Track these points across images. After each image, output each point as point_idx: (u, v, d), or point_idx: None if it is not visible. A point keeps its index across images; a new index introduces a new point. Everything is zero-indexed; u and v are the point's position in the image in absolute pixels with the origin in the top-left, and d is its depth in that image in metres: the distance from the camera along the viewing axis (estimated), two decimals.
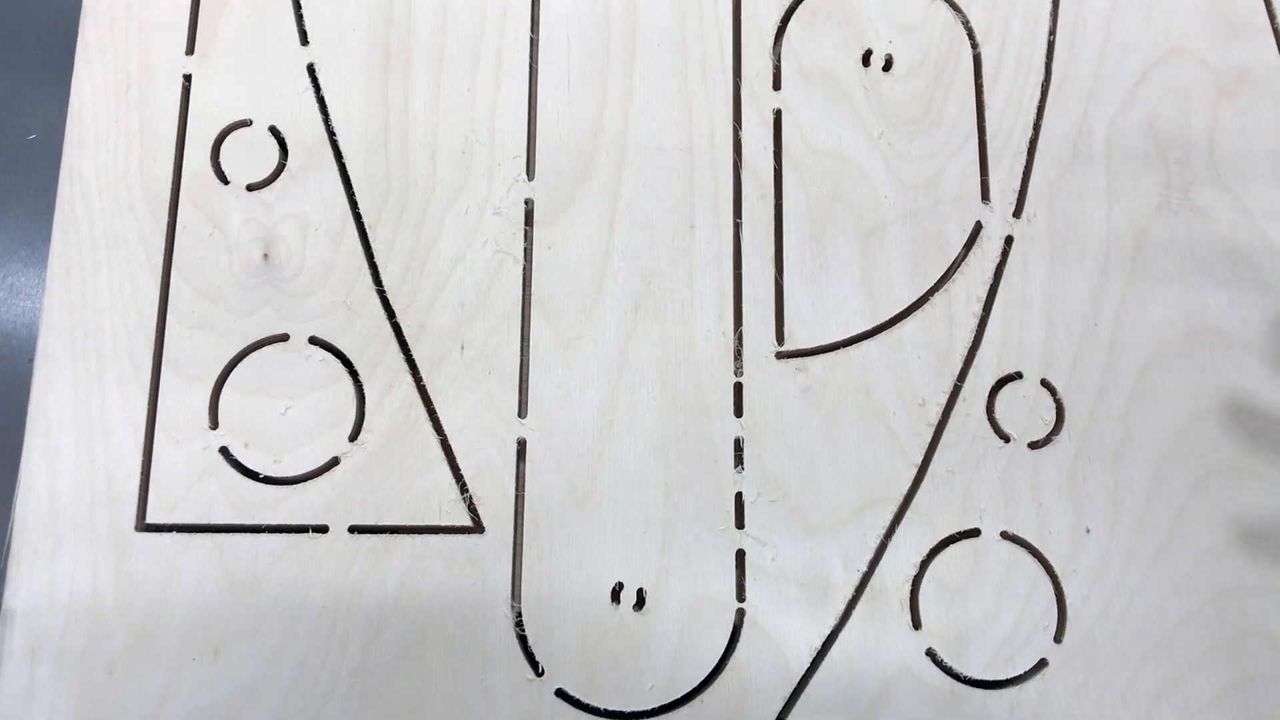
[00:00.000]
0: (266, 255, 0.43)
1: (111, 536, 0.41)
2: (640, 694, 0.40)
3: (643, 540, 0.41)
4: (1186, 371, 0.43)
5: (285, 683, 0.39)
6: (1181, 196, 0.45)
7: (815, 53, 0.46)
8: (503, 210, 0.44)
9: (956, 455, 0.42)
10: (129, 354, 0.42)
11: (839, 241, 0.44)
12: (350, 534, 0.41)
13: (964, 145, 0.45)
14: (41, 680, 0.39)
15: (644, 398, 0.42)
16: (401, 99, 0.45)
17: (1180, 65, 0.46)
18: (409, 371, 0.42)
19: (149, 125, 0.44)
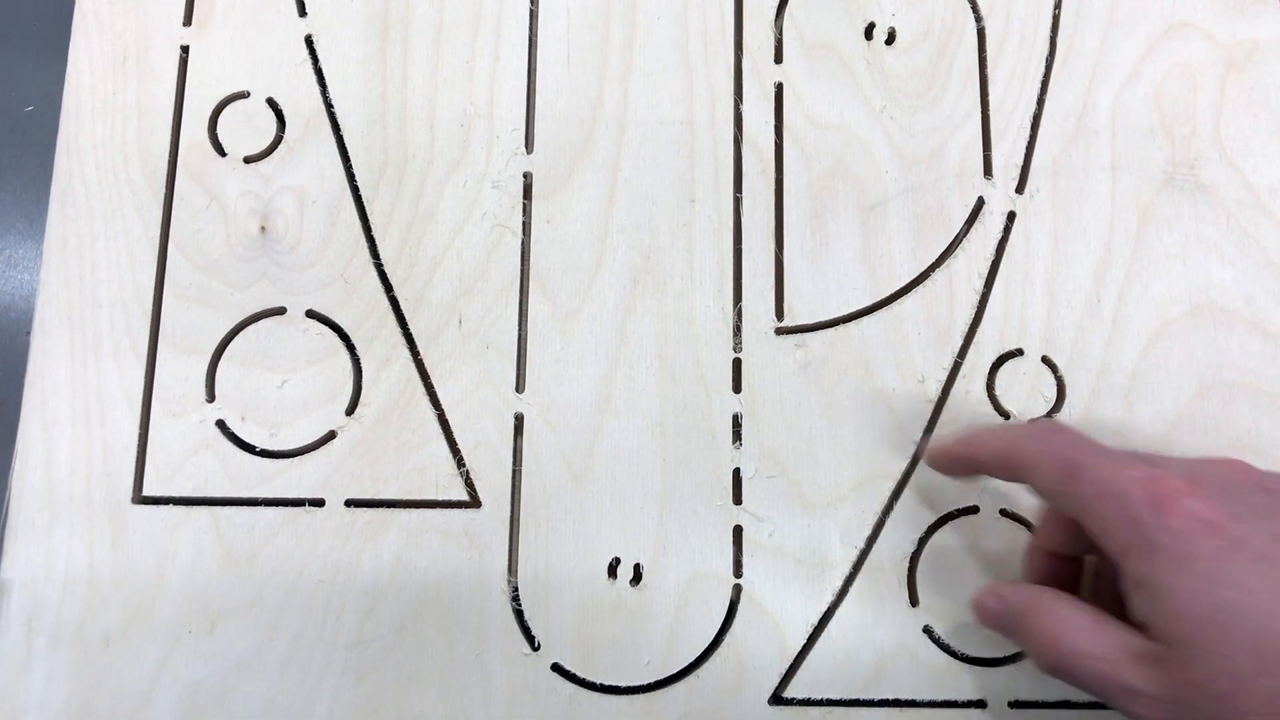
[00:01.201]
0: (264, 228, 0.43)
1: (108, 509, 0.41)
2: (636, 669, 0.40)
3: (640, 516, 0.41)
4: (1189, 350, 0.43)
5: (281, 656, 0.40)
6: (1187, 173, 0.44)
7: (817, 26, 0.45)
8: (501, 183, 0.44)
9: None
10: (126, 326, 0.42)
11: (840, 216, 0.44)
12: (346, 508, 0.41)
13: (967, 120, 0.45)
14: (38, 651, 0.39)
15: (642, 373, 0.42)
16: (400, 71, 0.45)
17: (1187, 40, 0.46)
18: (406, 345, 0.42)
19: (146, 97, 0.44)
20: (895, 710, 0.40)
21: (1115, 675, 0.31)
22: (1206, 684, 0.29)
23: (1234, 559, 0.30)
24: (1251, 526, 0.30)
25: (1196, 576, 0.30)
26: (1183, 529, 0.30)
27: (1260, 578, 0.29)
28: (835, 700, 0.40)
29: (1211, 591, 0.29)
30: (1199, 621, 0.29)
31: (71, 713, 0.39)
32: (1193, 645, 0.29)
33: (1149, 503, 0.31)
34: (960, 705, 0.40)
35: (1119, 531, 0.32)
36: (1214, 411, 0.42)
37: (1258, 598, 0.29)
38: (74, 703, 0.39)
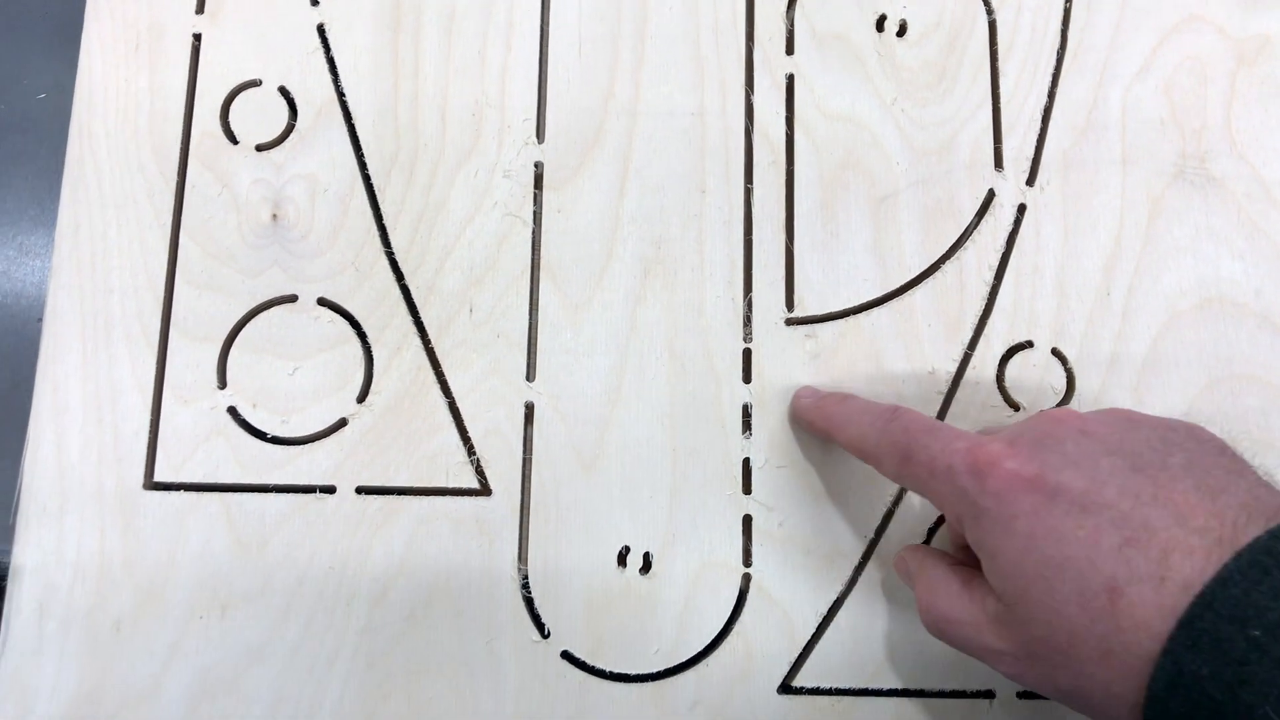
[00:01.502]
0: (275, 216, 0.43)
1: (119, 495, 0.41)
2: (645, 657, 0.40)
3: (650, 505, 0.41)
4: (1199, 342, 0.43)
5: (291, 642, 0.40)
6: (1197, 166, 0.44)
7: (829, 17, 0.46)
8: (512, 173, 0.44)
9: (966, 423, 0.42)
10: (137, 313, 0.42)
11: (850, 208, 0.44)
12: (357, 495, 0.41)
13: (978, 112, 0.45)
14: (49, 636, 0.39)
15: (652, 363, 0.42)
16: (411, 60, 0.45)
17: (1198, 33, 0.46)
18: (417, 334, 0.42)
19: (158, 85, 0.44)
20: (904, 700, 0.40)
21: (978, 638, 0.32)
22: (1046, 638, 0.30)
23: (1052, 512, 0.30)
24: (1070, 475, 0.30)
25: (1019, 535, 0.30)
26: (1001, 490, 0.31)
27: (1077, 527, 0.29)
28: (844, 689, 0.40)
29: (1034, 549, 0.30)
30: (1027, 580, 0.30)
31: (82, 697, 0.39)
32: (1026, 603, 0.30)
33: (971, 471, 0.32)
34: (969, 695, 0.40)
35: (952, 504, 0.33)
36: (1223, 404, 0.42)
37: (1075, 547, 0.29)
38: (85, 687, 0.39)
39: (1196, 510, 0.28)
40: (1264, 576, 0.26)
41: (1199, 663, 0.26)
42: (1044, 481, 0.30)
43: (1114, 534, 0.28)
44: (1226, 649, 0.26)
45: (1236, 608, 0.26)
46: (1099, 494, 0.29)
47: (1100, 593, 0.28)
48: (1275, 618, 0.26)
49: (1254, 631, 0.26)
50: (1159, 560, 0.28)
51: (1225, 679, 0.26)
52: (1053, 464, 0.30)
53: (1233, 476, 0.30)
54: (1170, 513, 0.28)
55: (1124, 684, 0.28)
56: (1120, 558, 0.28)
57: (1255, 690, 0.25)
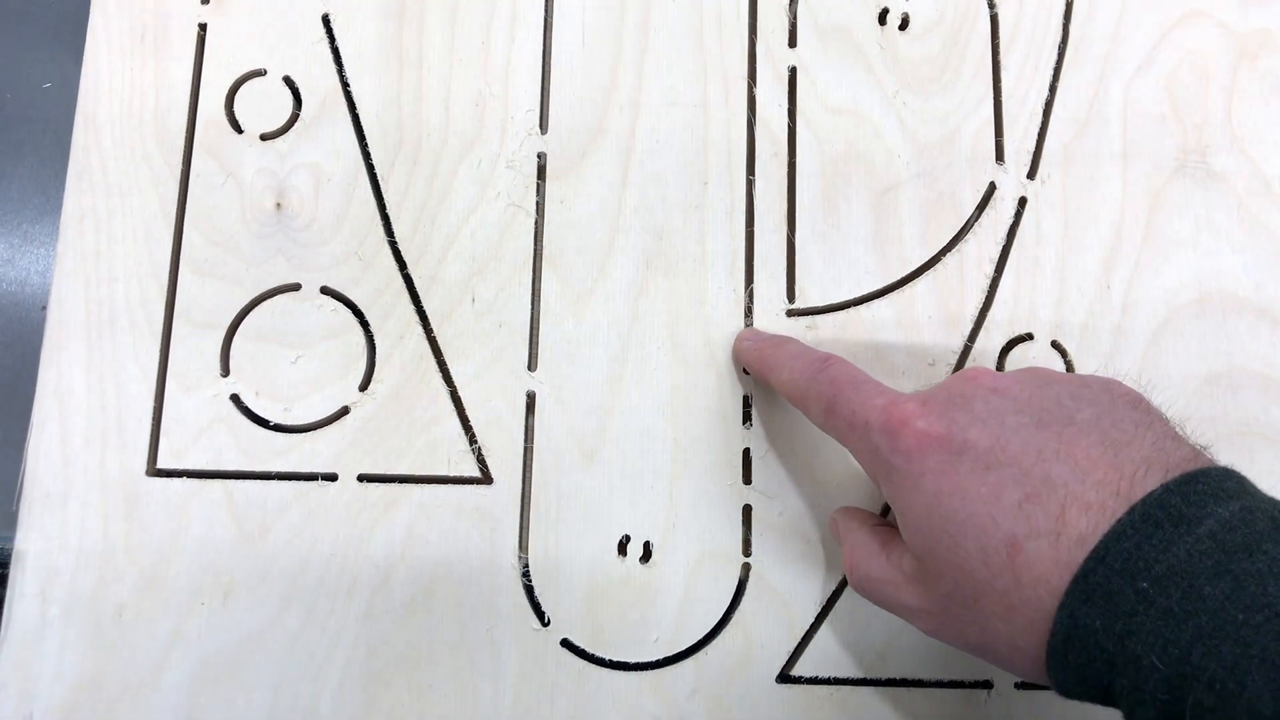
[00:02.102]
0: (279, 205, 0.43)
1: (122, 481, 0.41)
2: (645, 646, 0.40)
3: (650, 494, 0.41)
4: (1199, 336, 0.43)
5: (292, 629, 0.40)
6: (1198, 160, 0.45)
7: (831, 10, 0.46)
8: (515, 163, 0.44)
9: None
10: (141, 301, 0.42)
11: (852, 200, 0.44)
12: (359, 482, 0.41)
13: (979, 105, 0.45)
14: (52, 621, 0.40)
15: (654, 353, 0.43)
16: (416, 51, 0.45)
17: (1199, 28, 0.46)
18: (420, 323, 0.43)
19: (164, 74, 0.45)
20: (902, 689, 0.40)
21: (898, 596, 0.33)
22: (954, 593, 0.30)
23: (957, 470, 0.30)
24: (976, 432, 0.30)
25: (926, 493, 0.30)
26: (910, 448, 0.31)
27: (979, 483, 0.29)
28: (842, 679, 0.40)
29: (939, 505, 0.30)
30: (934, 536, 0.30)
31: (84, 683, 0.39)
32: (934, 559, 0.30)
33: (884, 429, 0.32)
34: (967, 685, 0.40)
35: (867, 461, 0.33)
36: (1223, 397, 0.42)
37: (977, 504, 0.29)
38: (87, 673, 0.39)
39: (1097, 464, 0.29)
40: (1155, 530, 0.27)
41: (1092, 615, 0.27)
42: (950, 439, 0.30)
43: (1015, 490, 0.29)
44: (1117, 601, 0.26)
45: (1128, 561, 0.26)
46: (1003, 451, 0.30)
47: (1001, 548, 0.28)
48: (1162, 570, 0.26)
49: (1142, 584, 0.26)
50: (1056, 515, 0.28)
51: (1115, 631, 0.26)
52: (960, 422, 0.31)
53: (1140, 429, 0.30)
54: (1070, 468, 0.29)
55: (1026, 637, 0.29)
56: (1020, 513, 0.28)
57: (1141, 641, 0.26)
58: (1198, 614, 0.25)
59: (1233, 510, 0.27)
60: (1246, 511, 0.27)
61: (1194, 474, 0.28)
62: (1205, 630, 0.25)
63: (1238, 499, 0.27)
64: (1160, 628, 0.26)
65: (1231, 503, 0.27)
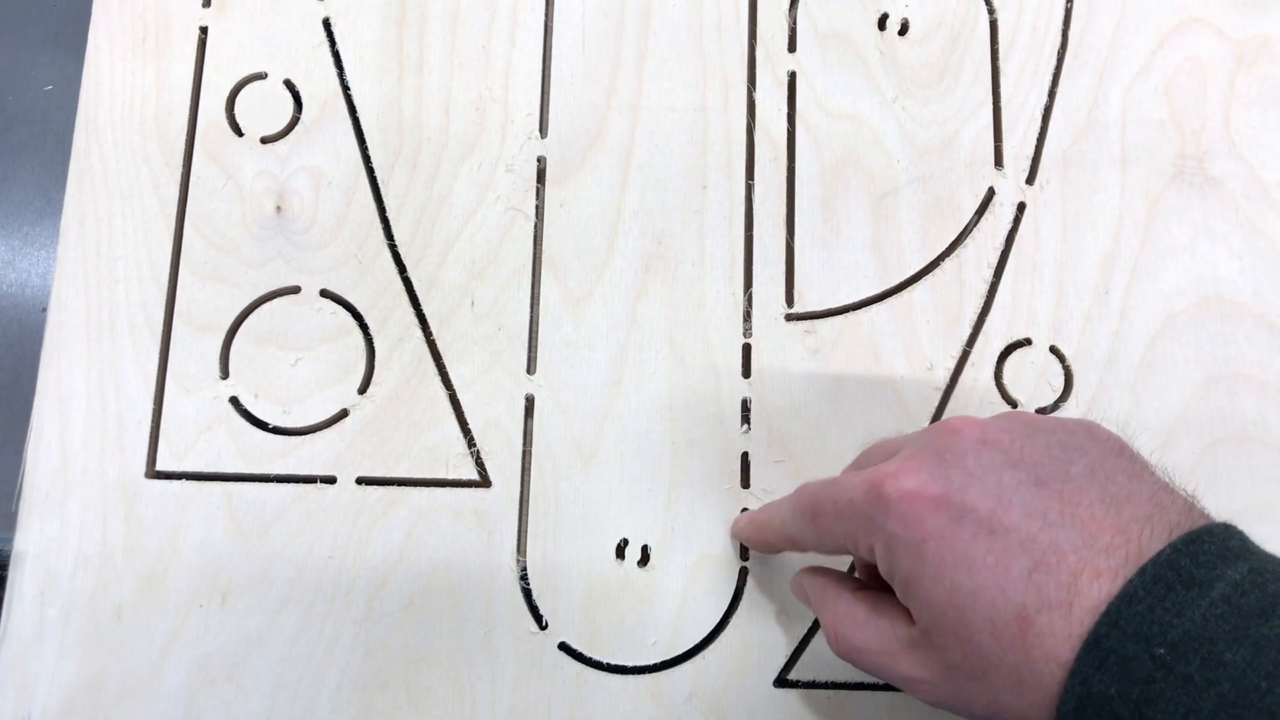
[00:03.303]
0: (279, 207, 0.43)
1: (121, 483, 0.41)
2: (643, 649, 0.40)
3: (648, 498, 0.41)
4: (1197, 342, 0.43)
5: (290, 631, 0.40)
6: (1196, 166, 0.45)
7: (831, 15, 0.46)
8: (515, 167, 0.44)
9: None
10: (141, 303, 0.43)
11: (851, 205, 0.44)
12: (358, 485, 0.41)
13: (978, 110, 0.45)
14: (50, 622, 0.40)
15: (652, 357, 0.43)
16: (416, 55, 0.45)
17: (1197, 34, 0.46)
18: (419, 326, 0.43)
19: (165, 77, 0.45)
20: (899, 694, 0.40)
21: (893, 666, 0.31)
22: (960, 665, 0.29)
23: (960, 536, 0.29)
24: (975, 493, 0.29)
25: (929, 562, 0.29)
26: (905, 512, 0.30)
27: (985, 551, 0.28)
28: (839, 683, 0.40)
29: (944, 577, 0.29)
30: (940, 608, 0.29)
31: (83, 684, 0.39)
32: (940, 631, 0.29)
33: (870, 496, 0.30)
34: None
35: (861, 538, 0.31)
36: (1220, 403, 0.42)
37: (984, 575, 0.28)
38: (85, 674, 0.39)
39: (1103, 527, 0.28)
40: (1167, 592, 0.26)
41: (1106, 683, 0.26)
42: (949, 502, 0.29)
43: (1023, 559, 0.28)
44: (1132, 668, 0.26)
45: (1141, 625, 0.26)
46: (1005, 515, 0.28)
47: (1011, 622, 0.27)
48: (1178, 635, 0.25)
49: (1158, 649, 0.25)
50: (1068, 585, 0.27)
51: (1132, 698, 0.26)
52: (956, 482, 0.29)
53: (1135, 482, 0.29)
54: (1078, 532, 0.28)
55: (1036, 710, 0.28)
56: (1030, 584, 0.27)
57: (1161, 709, 0.25)
58: (1219, 682, 0.25)
59: (1242, 572, 0.26)
60: (1255, 573, 0.26)
61: (1198, 533, 0.27)
62: (1228, 699, 0.24)
63: (1244, 559, 0.27)
64: (1181, 696, 0.25)
65: (1239, 564, 0.26)
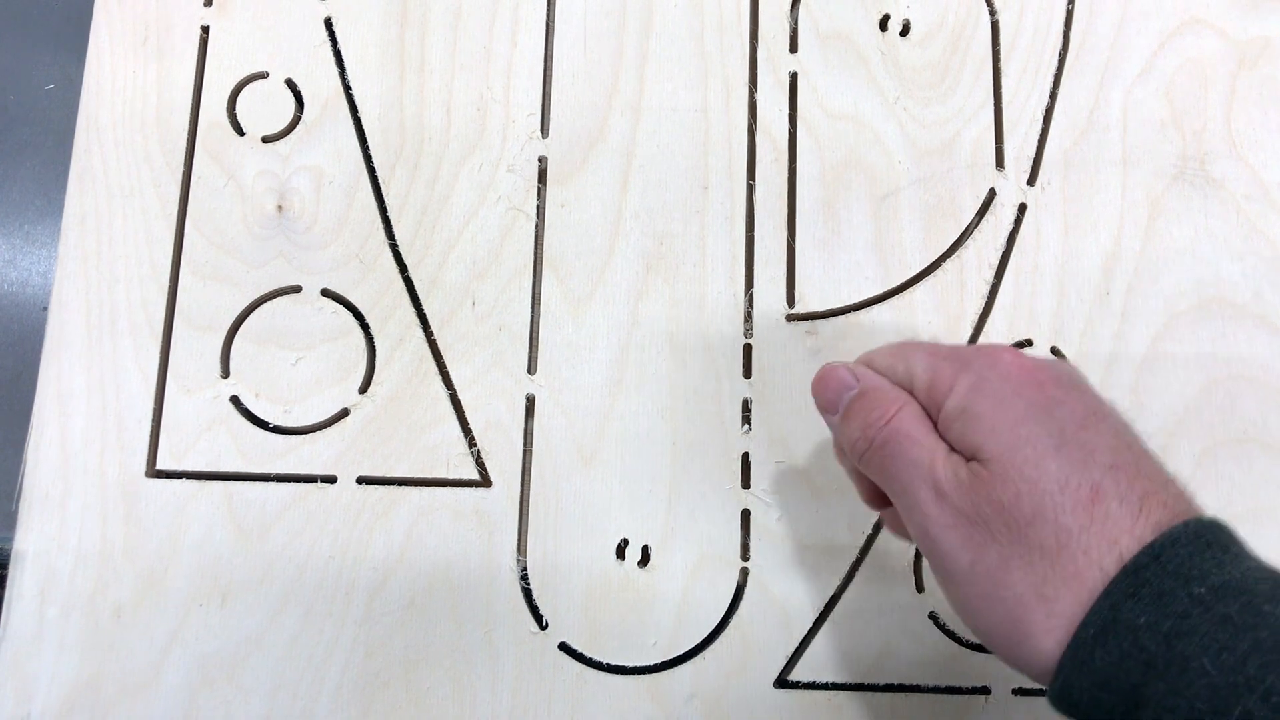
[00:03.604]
0: (280, 207, 0.43)
1: (122, 482, 0.41)
2: (643, 649, 0.40)
3: (649, 498, 0.41)
4: (1197, 343, 0.43)
5: (291, 630, 0.40)
6: (1197, 168, 0.45)
7: (832, 16, 0.46)
8: (516, 167, 0.44)
9: None
10: (142, 302, 0.43)
11: (852, 205, 0.44)
12: (358, 485, 0.41)
13: (979, 111, 0.45)
14: (50, 621, 0.40)
15: (653, 357, 0.43)
16: (418, 54, 0.45)
17: (1199, 36, 0.46)
18: (420, 326, 0.43)
19: (166, 76, 0.45)
20: (899, 695, 0.40)
21: (930, 466, 0.30)
22: (1010, 507, 0.28)
23: (1051, 414, 0.29)
24: (1069, 396, 0.30)
25: (1021, 404, 0.30)
26: (1011, 372, 0.31)
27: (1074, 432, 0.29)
28: (840, 684, 0.40)
29: (1032, 420, 0.29)
30: (1019, 441, 0.29)
31: (82, 682, 0.39)
32: (1009, 463, 0.29)
33: (984, 353, 0.32)
34: (964, 691, 0.40)
35: (947, 372, 0.31)
36: (1221, 404, 0.42)
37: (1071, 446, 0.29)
38: (85, 672, 0.39)
39: (1163, 475, 0.29)
40: (1206, 549, 0.27)
41: (1137, 611, 0.26)
42: (1045, 388, 0.30)
43: (1106, 454, 0.29)
44: (1167, 601, 0.26)
45: (1183, 565, 0.26)
46: (1100, 421, 0.30)
47: (1085, 486, 0.28)
48: (1219, 581, 0.26)
49: (1198, 589, 0.26)
50: (1140, 496, 0.28)
51: (1163, 630, 0.26)
52: (1057, 379, 0.31)
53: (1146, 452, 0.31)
54: (1152, 465, 0.29)
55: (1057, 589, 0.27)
56: (1108, 473, 0.28)
57: (1195, 642, 0.25)
58: (1258, 628, 0.25)
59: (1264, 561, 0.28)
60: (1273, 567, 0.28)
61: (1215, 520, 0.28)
62: (1264, 645, 0.24)
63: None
64: (1217, 632, 0.25)
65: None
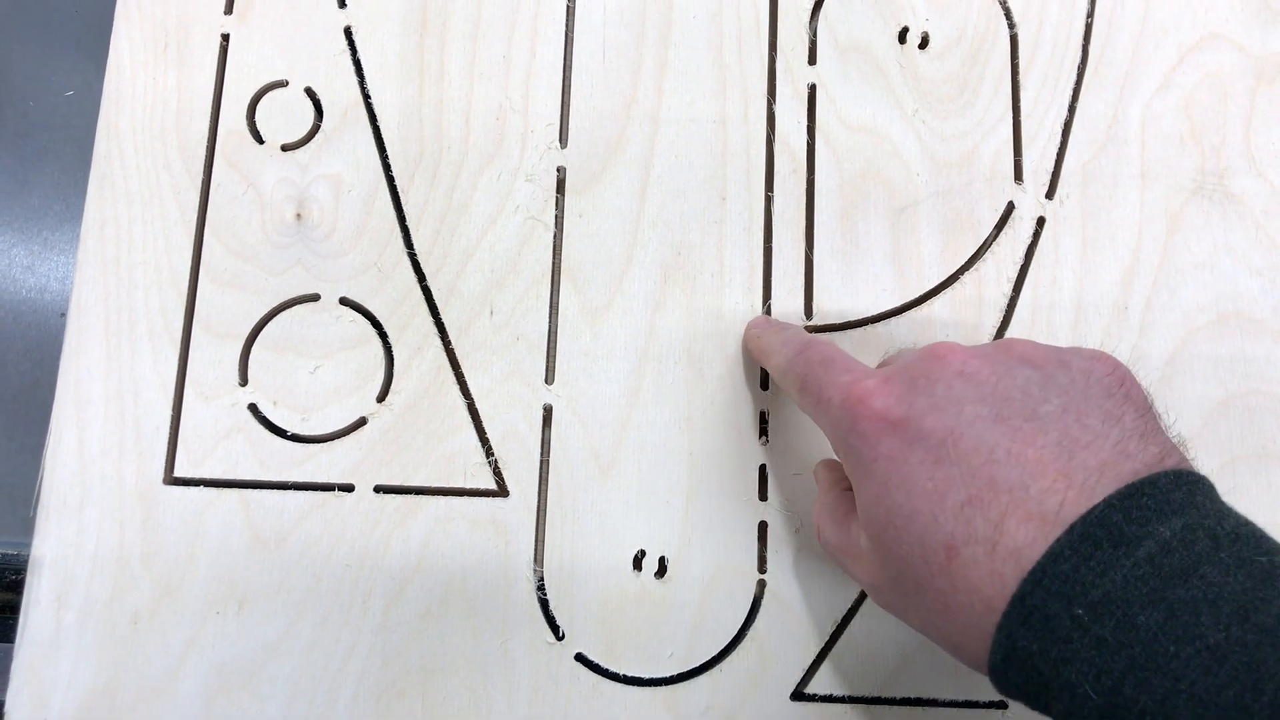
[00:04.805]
0: (299, 215, 0.44)
1: (139, 489, 0.41)
2: (660, 661, 0.40)
3: (666, 509, 0.41)
4: (1216, 358, 0.43)
5: (307, 639, 0.40)
6: (1216, 182, 0.45)
7: (851, 28, 0.46)
8: (535, 177, 0.44)
9: None
10: (161, 310, 0.43)
11: (870, 218, 0.44)
12: (375, 493, 0.41)
13: (998, 125, 0.45)
14: (67, 628, 0.40)
15: (671, 368, 0.43)
16: (437, 64, 0.45)
17: (1218, 51, 0.46)
18: (438, 335, 0.43)
19: (186, 83, 0.45)
20: (916, 709, 0.40)
21: (853, 568, 0.33)
22: (898, 581, 0.30)
23: (908, 459, 0.29)
24: (933, 421, 0.29)
25: (877, 480, 0.30)
26: (868, 431, 0.31)
27: (927, 478, 0.29)
28: (857, 697, 0.40)
29: (887, 495, 0.30)
30: (880, 523, 0.30)
31: (98, 689, 0.39)
32: (879, 545, 0.30)
33: (844, 406, 0.32)
34: (981, 706, 0.40)
35: (831, 437, 0.33)
36: (1239, 419, 0.42)
37: (921, 500, 0.29)
38: (101, 679, 0.39)
39: (1047, 470, 0.28)
40: (1094, 550, 0.26)
41: (1029, 639, 0.26)
42: (906, 426, 0.30)
43: (960, 490, 0.28)
44: (1053, 626, 0.26)
45: (1065, 585, 0.26)
46: (955, 445, 0.29)
47: (939, 549, 0.28)
48: (1098, 596, 0.25)
49: (1078, 610, 0.26)
50: (996, 524, 0.27)
51: (1051, 656, 0.26)
52: (918, 407, 0.30)
53: (1108, 425, 0.29)
54: (1018, 472, 0.28)
55: (965, 639, 0.29)
56: (961, 516, 0.28)
57: (1075, 669, 0.26)
58: (1130, 645, 0.25)
59: (1175, 529, 0.26)
60: (1188, 530, 0.26)
61: (1140, 485, 0.27)
62: (1138, 662, 0.25)
63: (1181, 514, 0.26)
64: (1094, 657, 0.25)
65: (1174, 519, 0.26)
